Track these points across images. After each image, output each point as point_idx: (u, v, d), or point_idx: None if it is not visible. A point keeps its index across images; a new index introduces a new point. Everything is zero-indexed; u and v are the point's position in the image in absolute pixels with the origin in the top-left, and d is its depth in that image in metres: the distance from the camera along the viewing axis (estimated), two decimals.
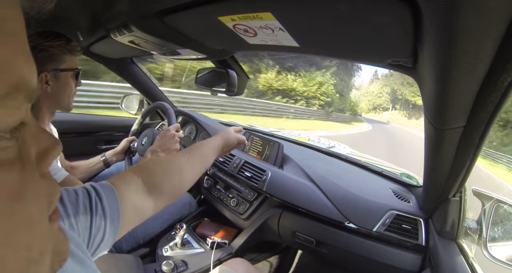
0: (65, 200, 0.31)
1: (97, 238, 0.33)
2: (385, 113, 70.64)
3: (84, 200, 0.33)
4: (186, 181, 0.50)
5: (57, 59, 0.72)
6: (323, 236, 0.87)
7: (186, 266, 0.89)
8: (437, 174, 0.64)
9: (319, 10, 0.37)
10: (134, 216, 0.39)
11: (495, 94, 0.35)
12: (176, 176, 0.48)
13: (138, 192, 0.40)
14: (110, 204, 0.35)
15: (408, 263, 0.77)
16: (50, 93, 0.73)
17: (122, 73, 1.42)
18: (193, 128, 1.48)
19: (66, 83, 0.76)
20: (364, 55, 0.51)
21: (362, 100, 73.69)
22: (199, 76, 1.08)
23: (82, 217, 0.31)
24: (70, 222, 0.30)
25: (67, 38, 0.73)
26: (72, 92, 0.79)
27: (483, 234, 0.66)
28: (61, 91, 0.75)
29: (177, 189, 0.48)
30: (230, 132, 0.72)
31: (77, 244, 0.28)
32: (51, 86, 0.72)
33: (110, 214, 0.34)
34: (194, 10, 0.49)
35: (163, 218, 1.09)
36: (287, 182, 0.98)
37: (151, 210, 0.42)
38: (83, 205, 0.32)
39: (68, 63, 0.75)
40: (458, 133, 0.46)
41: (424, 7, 0.27)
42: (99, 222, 0.33)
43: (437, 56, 0.32)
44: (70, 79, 0.76)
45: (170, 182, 0.47)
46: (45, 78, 0.70)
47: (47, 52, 0.70)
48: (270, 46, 0.57)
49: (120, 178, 0.40)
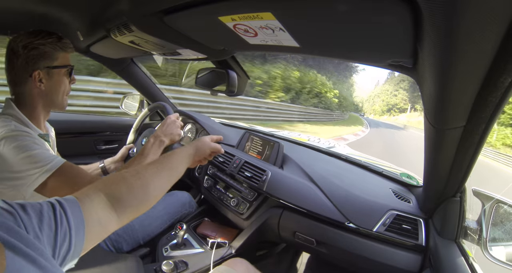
0: (29, 211, 0.31)
1: (63, 249, 0.33)
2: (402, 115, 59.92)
3: (49, 211, 0.34)
4: (151, 195, 0.51)
5: (49, 57, 0.71)
6: (323, 236, 0.87)
7: (186, 266, 0.89)
8: (437, 174, 0.64)
9: (319, 10, 0.37)
10: (99, 230, 0.40)
11: (495, 94, 0.35)
12: (140, 191, 0.48)
13: (102, 206, 0.41)
14: (75, 217, 0.36)
15: (408, 263, 0.77)
16: (44, 91, 0.73)
17: (122, 73, 1.42)
18: (193, 128, 1.48)
19: (60, 80, 0.75)
20: (364, 55, 0.51)
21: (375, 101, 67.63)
22: (199, 77, 1.08)
23: (47, 228, 0.32)
24: (35, 232, 0.30)
25: (58, 36, 0.73)
26: (66, 89, 0.78)
27: (483, 234, 0.66)
28: (55, 88, 0.75)
29: (142, 204, 0.49)
30: (205, 141, 0.71)
31: (41, 252, 0.29)
32: (45, 84, 0.72)
33: (75, 226, 0.35)
34: (194, 10, 0.49)
35: (162, 218, 1.09)
36: (287, 182, 0.98)
37: (115, 224, 0.43)
38: (47, 216, 0.33)
39: (60, 60, 0.74)
40: (458, 133, 0.46)
41: (424, 7, 0.27)
42: (64, 233, 0.33)
43: (437, 56, 0.32)
44: (63, 76, 0.76)
45: (135, 197, 0.47)
46: (38, 76, 0.70)
47: (38, 50, 0.69)
48: (271, 46, 0.57)
49: (84, 193, 0.41)
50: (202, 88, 1.08)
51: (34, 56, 0.68)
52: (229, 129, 1.50)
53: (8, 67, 0.69)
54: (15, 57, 0.68)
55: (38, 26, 0.72)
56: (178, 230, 0.97)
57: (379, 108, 66.02)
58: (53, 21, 0.82)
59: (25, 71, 0.69)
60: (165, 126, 0.89)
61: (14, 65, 0.68)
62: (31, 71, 0.69)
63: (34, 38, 0.68)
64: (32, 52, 0.68)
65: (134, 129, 1.27)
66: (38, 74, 0.70)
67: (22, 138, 0.63)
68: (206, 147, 0.70)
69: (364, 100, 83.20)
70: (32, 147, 0.63)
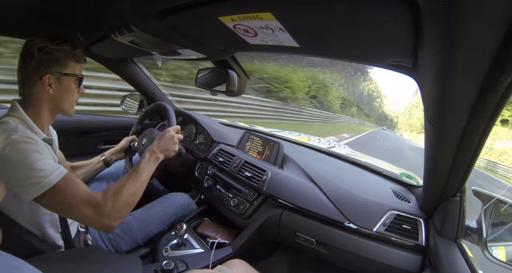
0: None
1: None
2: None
3: None
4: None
5: (61, 63, 0.74)
6: (323, 236, 0.87)
7: (186, 266, 0.89)
8: (437, 174, 0.64)
9: (319, 10, 0.37)
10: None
11: (495, 94, 0.35)
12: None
13: None
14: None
15: (408, 263, 0.77)
16: (52, 96, 0.74)
17: (122, 73, 1.42)
18: (193, 128, 1.48)
19: (69, 88, 0.77)
20: (364, 55, 0.52)
21: (413, 113, 53.97)
22: (199, 77, 1.08)
23: None
24: None
25: (73, 45, 0.76)
26: (74, 98, 0.80)
27: (483, 234, 0.66)
28: (63, 95, 0.76)
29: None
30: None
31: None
32: (53, 89, 0.74)
33: None
34: (194, 10, 0.49)
35: (161, 219, 1.09)
36: (287, 182, 0.98)
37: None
38: None
39: (71, 69, 0.76)
40: (458, 133, 0.46)
41: (424, 7, 0.27)
42: None
43: (437, 56, 0.32)
44: (72, 84, 0.78)
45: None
46: (48, 80, 0.72)
47: (52, 55, 0.71)
48: (271, 47, 0.57)
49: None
50: (202, 88, 1.08)
51: (47, 60, 0.71)
52: (229, 129, 1.50)
53: (21, 67, 0.71)
54: (29, 58, 0.70)
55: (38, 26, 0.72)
56: (178, 230, 0.97)
57: (418, 123, 49.96)
58: (53, 20, 0.82)
59: (36, 73, 0.70)
60: (162, 140, 0.88)
61: (27, 65, 0.70)
62: (42, 74, 0.71)
63: (50, 43, 0.71)
64: (45, 56, 0.71)
65: (139, 121, 1.27)
66: (48, 78, 0.71)
67: (27, 146, 0.63)
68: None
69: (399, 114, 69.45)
70: (36, 157, 0.63)
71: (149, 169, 0.81)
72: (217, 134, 1.35)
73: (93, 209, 0.66)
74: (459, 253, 0.65)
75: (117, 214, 0.69)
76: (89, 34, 0.92)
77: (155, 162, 0.84)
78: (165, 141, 0.88)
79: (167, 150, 0.87)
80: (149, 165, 0.81)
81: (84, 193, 0.68)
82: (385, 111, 36.95)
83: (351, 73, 21.37)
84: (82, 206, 0.66)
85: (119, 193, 0.71)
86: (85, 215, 0.66)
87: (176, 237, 1.00)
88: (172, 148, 0.89)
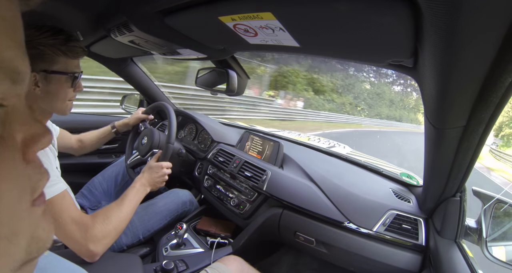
0: None
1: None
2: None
3: None
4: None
5: (48, 60, 0.64)
6: (323, 236, 0.87)
7: (186, 266, 0.89)
8: (437, 174, 0.64)
9: (319, 10, 0.37)
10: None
11: (495, 94, 0.35)
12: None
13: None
14: None
15: (408, 263, 0.77)
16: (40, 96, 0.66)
17: (122, 73, 1.42)
18: (193, 128, 1.48)
19: (59, 87, 0.67)
20: (364, 55, 0.51)
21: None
22: (199, 76, 1.08)
23: None
24: None
25: (67, 37, 0.65)
26: (66, 97, 0.71)
27: (483, 234, 0.66)
28: (53, 95, 0.67)
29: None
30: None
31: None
32: (41, 89, 0.65)
33: None
34: (194, 10, 0.49)
35: (162, 214, 1.09)
36: (287, 182, 0.98)
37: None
38: None
39: (62, 65, 0.66)
40: (458, 133, 0.46)
41: (424, 7, 0.27)
42: None
43: (437, 56, 0.32)
44: (64, 83, 0.68)
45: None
46: (34, 79, 0.63)
47: (36, 50, 0.61)
48: (271, 46, 0.57)
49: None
50: (202, 87, 1.08)
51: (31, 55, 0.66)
52: (229, 129, 1.50)
53: None
54: None
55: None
56: (178, 230, 0.97)
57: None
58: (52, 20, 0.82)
59: None
60: (153, 174, 0.94)
61: None
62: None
63: (36, 36, 0.61)
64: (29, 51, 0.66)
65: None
66: (34, 76, 0.62)
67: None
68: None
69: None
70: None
71: (137, 199, 0.86)
72: (217, 134, 1.35)
73: (81, 230, 0.65)
74: (459, 253, 0.65)
75: (103, 240, 0.69)
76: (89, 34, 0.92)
77: (143, 193, 0.89)
78: (157, 177, 0.94)
79: (154, 185, 0.94)
80: (137, 196, 0.86)
81: (76, 212, 0.67)
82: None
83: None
84: (70, 225, 0.64)
85: (108, 218, 0.72)
86: (71, 235, 0.64)
87: (176, 237, 1.00)
88: (160, 184, 0.96)
